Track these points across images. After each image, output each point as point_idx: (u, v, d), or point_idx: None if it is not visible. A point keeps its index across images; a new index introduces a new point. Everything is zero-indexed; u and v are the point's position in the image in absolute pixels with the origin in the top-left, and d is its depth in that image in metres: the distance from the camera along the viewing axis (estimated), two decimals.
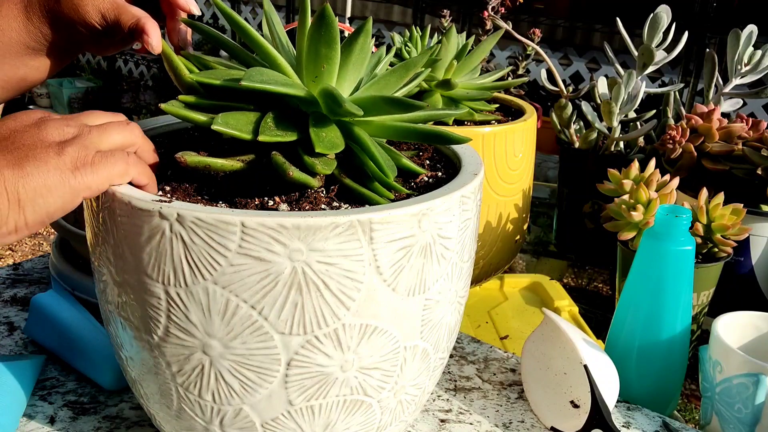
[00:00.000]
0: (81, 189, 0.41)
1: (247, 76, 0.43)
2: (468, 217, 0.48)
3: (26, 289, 0.81)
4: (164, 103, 0.44)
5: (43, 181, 0.39)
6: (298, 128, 0.46)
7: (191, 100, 0.47)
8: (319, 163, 0.45)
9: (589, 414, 0.59)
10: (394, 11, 4.01)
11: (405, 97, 0.53)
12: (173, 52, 0.49)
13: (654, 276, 0.66)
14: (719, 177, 0.88)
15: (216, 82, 0.47)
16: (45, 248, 2.45)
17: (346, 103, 0.44)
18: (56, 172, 0.40)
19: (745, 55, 0.99)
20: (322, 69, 0.46)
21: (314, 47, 0.46)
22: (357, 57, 0.47)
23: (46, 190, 0.39)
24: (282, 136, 0.45)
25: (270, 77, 0.45)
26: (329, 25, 0.44)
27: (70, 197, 0.40)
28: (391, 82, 0.51)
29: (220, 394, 0.45)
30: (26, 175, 0.39)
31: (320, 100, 0.46)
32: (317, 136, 0.45)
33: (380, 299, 0.44)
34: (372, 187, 0.47)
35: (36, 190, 0.39)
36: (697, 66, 2.30)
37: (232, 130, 0.44)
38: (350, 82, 0.49)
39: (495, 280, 0.95)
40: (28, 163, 0.39)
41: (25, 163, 0.39)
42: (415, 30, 0.89)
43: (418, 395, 0.51)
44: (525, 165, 0.88)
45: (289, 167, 0.43)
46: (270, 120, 0.46)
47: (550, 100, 1.21)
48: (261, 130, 0.44)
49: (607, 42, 1.13)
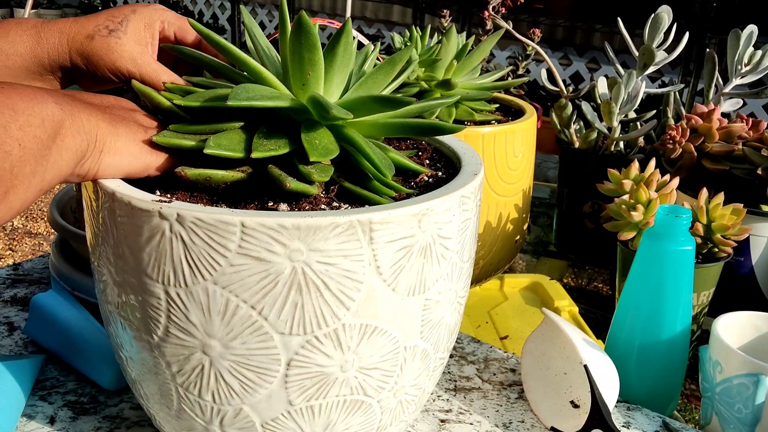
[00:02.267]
0: (152, 166, 0.46)
1: (233, 95, 0.44)
2: (468, 217, 0.48)
3: (26, 289, 0.81)
4: (156, 136, 0.46)
5: (126, 145, 0.45)
6: (290, 138, 0.47)
7: (182, 128, 0.47)
8: (315, 171, 0.45)
9: (589, 414, 0.59)
10: (394, 11, 4.01)
11: (394, 94, 0.54)
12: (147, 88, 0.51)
13: (654, 276, 0.66)
14: (719, 177, 0.88)
15: (196, 104, 0.48)
16: (45, 248, 2.45)
17: (333, 109, 0.44)
18: (137, 145, 0.45)
19: (745, 55, 0.99)
20: (308, 76, 0.46)
21: (297, 55, 0.46)
22: (341, 59, 0.47)
23: (126, 152, 0.45)
24: (275, 149, 0.45)
25: (256, 92, 0.45)
26: (308, 32, 0.44)
27: (141, 168, 0.46)
28: (379, 79, 0.51)
29: (220, 395, 0.45)
30: (116, 133, 0.44)
31: (309, 107, 0.47)
32: (310, 144, 0.45)
33: (380, 299, 0.44)
34: (371, 187, 0.47)
35: (118, 148, 0.44)
36: (697, 66, 2.30)
37: (225, 151, 0.45)
38: (338, 84, 0.49)
39: (495, 280, 0.95)
40: (121, 126, 0.45)
41: (119, 126, 0.45)
42: (415, 30, 0.89)
43: (418, 395, 0.51)
44: (525, 165, 0.88)
45: (286, 179, 0.44)
46: (262, 135, 0.46)
47: (550, 100, 1.21)
48: (254, 147, 0.45)
49: (607, 42, 1.13)
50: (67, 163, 0.41)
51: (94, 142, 0.43)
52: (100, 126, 0.43)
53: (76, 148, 0.41)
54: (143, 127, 0.47)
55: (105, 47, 0.54)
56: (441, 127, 0.50)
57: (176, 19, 0.57)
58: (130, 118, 0.47)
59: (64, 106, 0.41)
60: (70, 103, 0.42)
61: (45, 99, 0.40)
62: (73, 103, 0.42)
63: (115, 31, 0.54)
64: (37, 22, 0.54)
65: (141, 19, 0.56)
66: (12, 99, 0.39)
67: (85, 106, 0.43)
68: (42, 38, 0.54)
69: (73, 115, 0.41)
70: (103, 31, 0.54)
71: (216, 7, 5.00)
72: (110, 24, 0.55)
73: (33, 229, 2.59)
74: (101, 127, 0.43)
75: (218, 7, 5.06)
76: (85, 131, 0.42)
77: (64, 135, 0.40)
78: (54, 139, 0.40)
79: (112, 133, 0.44)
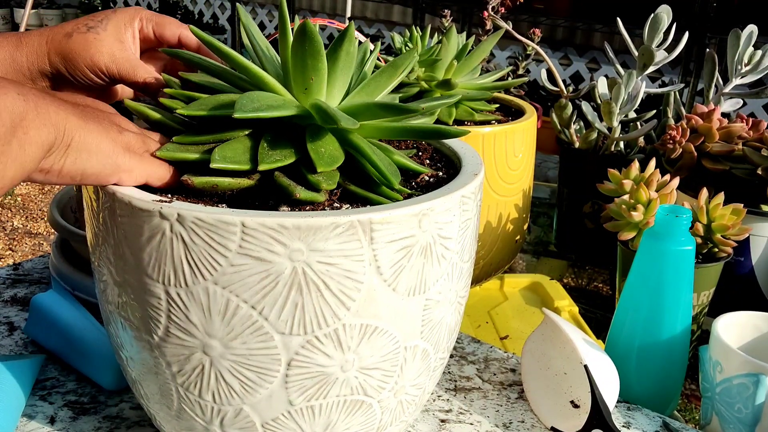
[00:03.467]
0: (123, 168, 0.43)
1: (239, 107, 0.43)
2: (468, 218, 0.48)
3: (26, 289, 0.81)
4: (160, 150, 0.45)
5: (97, 142, 0.42)
6: (295, 146, 0.46)
7: (186, 140, 0.47)
8: (323, 180, 0.45)
9: (589, 414, 0.59)
10: (394, 11, 4.01)
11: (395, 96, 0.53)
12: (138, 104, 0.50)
13: (654, 276, 0.66)
14: (719, 177, 0.88)
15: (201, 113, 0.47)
16: (45, 248, 2.45)
17: (342, 121, 0.43)
18: (110, 143, 0.43)
19: (745, 55, 0.99)
20: (311, 81, 0.46)
21: (300, 61, 0.46)
22: (344, 63, 0.47)
23: (95, 150, 0.42)
24: (281, 160, 0.45)
25: (262, 102, 0.45)
26: (312, 39, 0.44)
27: (110, 170, 0.43)
28: (381, 82, 0.51)
29: (221, 394, 0.45)
30: (86, 129, 0.41)
31: (314, 114, 0.46)
32: (317, 154, 0.45)
33: (380, 299, 0.44)
34: (377, 191, 0.47)
35: (87, 145, 0.41)
36: (697, 66, 2.30)
37: (231, 164, 0.44)
38: (340, 89, 0.49)
39: (495, 280, 0.95)
40: (92, 123, 0.42)
41: (90, 122, 0.42)
42: (415, 30, 0.89)
43: (418, 395, 0.51)
44: (525, 165, 0.88)
45: (295, 188, 0.43)
46: (267, 144, 0.46)
47: (550, 100, 1.21)
48: (260, 159, 0.44)
49: (607, 42, 1.13)
50: (31, 158, 0.39)
51: (62, 136, 0.40)
52: (69, 119, 0.41)
53: (42, 141, 0.39)
54: (118, 127, 0.45)
55: (83, 43, 0.53)
56: (445, 132, 0.50)
57: (153, 15, 0.57)
58: (104, 117, 0.45)
59: (29, 98, 0.39)
60: (37, 95, 0.40)
61: (6, 89, 0.38)
62: (41, 95, 0.40)
63: (95, 28, 0.54)
64: (20, 33, 0.54)
65: (121, 17, 0.55)
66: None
67: (54, 99, 0.41)
68: (22, 43, 0.53)
69: (38, 107, 0.39)
70: (82, 28, 0.53)
71: (216, 7, 5.00)
72: (90, 22, 0.54)
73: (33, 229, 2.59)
74: (70, 120, 0.41)
75: (218, 7, 5.06)
76: (53, 123, 0.40)
77: (27, 127, 0.38)
78: (14, 133, 0.37)
79: (83, 128, 0.41)
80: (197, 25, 4.54)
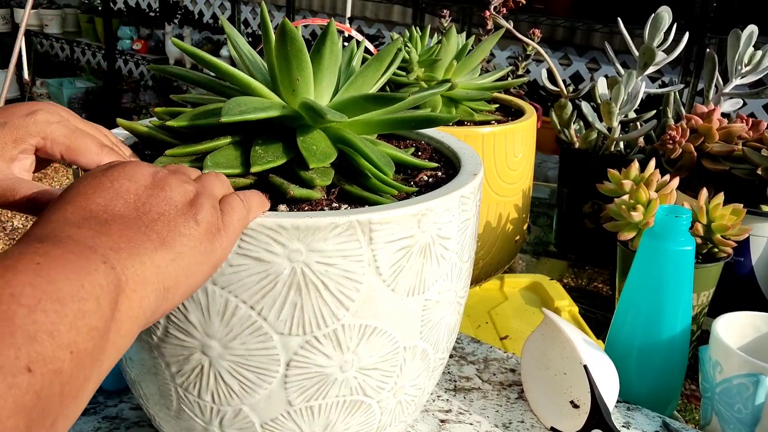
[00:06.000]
0: (220, 259, 0.37)
1: (225, 111, 0.44)
2: (467, 218, 0.48)
3: None
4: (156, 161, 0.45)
5: (194, 260, 0.35)
6: (286, 146, 0.47)
7: (179, 152, 0.47)
8: (316, 176, 0.45)
9: (589, 414, 0.59)
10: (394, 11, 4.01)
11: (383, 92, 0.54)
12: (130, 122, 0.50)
13: (654, 276, 0.66)
14: (719, 177, 0.88)
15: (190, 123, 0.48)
16: None
17: (327, 114, 0.44)
18: (200, 246, 0.35)
19: (746, 55, 0.99)
20: (297, 81, 0.46)
21: (284, 62, 0.46)
22: (329, 60, 0.48)
23: (196, 268, 0.35)
24: (273, 161, 0.45)
25: (248, 105, 0.45)
26: (293, 38, 0.44)
27: (210, 271, 0.36)
28: (369, 76, 0.51)
29: (220, 395, 0.45)
30: (178, 256, 0.34)
31: (302, 113, 0.47)
32: (308, 151, 0.45)
33: (380, 300, 0.44)
34: (372, 186, 0.47)
35: (186, 270, 0.34)
36: (697, 66, 2.30)
37: (224, 168, 0.45)
38: (328, 86, 0.49)
39: (495, 280, 0.95)
40: (175, 241, 0.34)
41: (173, 242, 0.34)
42: (415, 30, 0.89)
43: (417, 395, 0.51)
44: (525, 165, 0.88)
45: (289, 187, 0.44)
46: (258, 147, 0.46)
47: (550, 100, 1.20)
48: (252, 161, 0.45)
49: (607, 42, 1.13)
50: (129, 337, 0.31)
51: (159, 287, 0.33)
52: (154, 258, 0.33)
53: (145, 308, 0.31)
54: (190, 213, 0.36)
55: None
56: (434, 118, 0.51)
57: (66, 138, 0.43)
58: (170, 210, 0.35)
59: (111, 255, 0.30)
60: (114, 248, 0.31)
61: (92, 260, 0.29)
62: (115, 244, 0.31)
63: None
64: None
65: (10, 133, 0.43)
66: (56, 282, 0.27)
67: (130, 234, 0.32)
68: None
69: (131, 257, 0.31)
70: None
71: (216, 7, 5.00)
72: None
73: None
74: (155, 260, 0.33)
75: (218, 7, 5.06)
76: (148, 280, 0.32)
77: (122, 302, 0.30)
78: (113, 317, 0.29)
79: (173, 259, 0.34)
80: (197, 24, 4.54)
